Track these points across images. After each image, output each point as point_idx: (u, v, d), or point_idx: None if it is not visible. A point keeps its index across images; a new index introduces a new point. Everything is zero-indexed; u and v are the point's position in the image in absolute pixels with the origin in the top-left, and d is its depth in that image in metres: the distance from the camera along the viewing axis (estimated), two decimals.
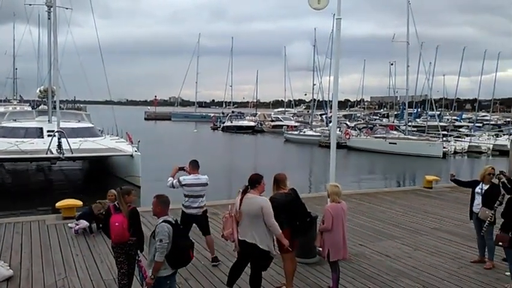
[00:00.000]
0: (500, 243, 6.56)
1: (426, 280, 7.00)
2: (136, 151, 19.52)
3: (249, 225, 5.69)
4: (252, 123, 66.91)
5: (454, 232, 9.79)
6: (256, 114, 78.75)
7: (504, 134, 44.02)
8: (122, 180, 18.57)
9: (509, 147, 20.03)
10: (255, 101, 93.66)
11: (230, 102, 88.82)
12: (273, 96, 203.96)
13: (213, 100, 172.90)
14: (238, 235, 5.77)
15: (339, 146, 39.30)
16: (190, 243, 5.12)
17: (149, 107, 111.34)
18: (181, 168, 7.49)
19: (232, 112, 74.97)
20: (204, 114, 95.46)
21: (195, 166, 7.46)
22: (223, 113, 76.98)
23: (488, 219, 7.35)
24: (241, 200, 5.77)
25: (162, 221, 4.87)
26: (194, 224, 7.49)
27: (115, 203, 5.85)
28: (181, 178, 7.32)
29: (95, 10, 31.83)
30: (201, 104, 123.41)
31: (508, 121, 61.43)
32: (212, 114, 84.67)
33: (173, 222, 4.94)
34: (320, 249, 6.44)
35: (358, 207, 12.08)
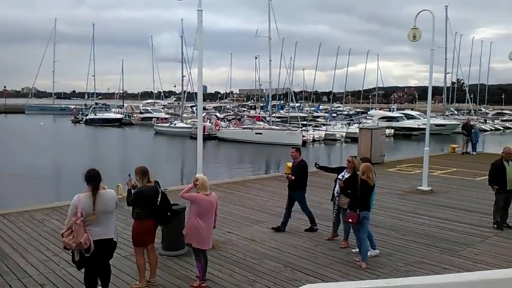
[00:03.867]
0: (350, 220, 7.38)
1: (287, 259, 7.56)
2: None
3: (104, 222, 5.50)
4: (119, 116, 63.80)
5: None
6: (123, 106, 75.28)
7: (355, 123, 49.09)
8: None
9: (358, 134, 22.45)
10: (121, 92, 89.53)
11: (93, 93, 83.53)
12: (141, 87, 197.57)
13: (74, 91, 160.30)
14: (91, 236, 5.39)
15: (210, 137, 39.90)
16: None
17: None
18: None
19: (96, 104, 70.57)
20: (63, 106, 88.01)
21: None
22: (86, 105, 71.99)
23: (335, 205, 8.22)
24: (94, 199, 5.44)
25: None
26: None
27: None
28: None
29: None
30: (60, 95, 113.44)
31: (358, 111, 68.70)
32: (73, 106, 78.57)
33: None
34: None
35: (227, 196, 12.43)
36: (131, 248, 6.67)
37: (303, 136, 38.14)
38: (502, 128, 56.47)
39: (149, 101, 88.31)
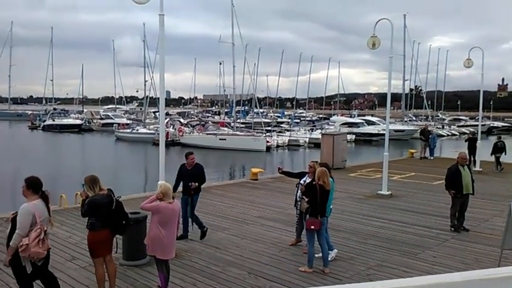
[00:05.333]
0: (313, 227, 7.36)
1: (251, 266, 7.52)
2: None
3: None
4: (79, 122, 62.06)
5: (275, 219, 10.74)
6: (82, 111, 73.39)
7: (317, 129, 49.80)
8: None
9: (320, 140, 22.77)
10: (81, 97, 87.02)
11: (52, 98, 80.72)
12: (102, 92, 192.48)
13: (31, 96, 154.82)
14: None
15: (173, 143, 39.41)
16: None
17: None
18: None
19: (54, 109, 68.38)
20: (20, 111, 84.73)
21: None
22: (46, 111, 69.59)
23: (298, 209, 8.27)
24: (48, 206, 5.47)
25: None
26: None
27: None
28: None
29: None
30: (16, 101, 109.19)
31: (321, 117, 69.79)
32: (30, 112, 75.80)
33: None
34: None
35: None
36: (89, 258, 6.45)
37: (267, 142, 38.35)
38: (458, 134, 58.71)
39: (110, 106, 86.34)
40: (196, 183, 9.01)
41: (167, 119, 48.86)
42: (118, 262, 7.28)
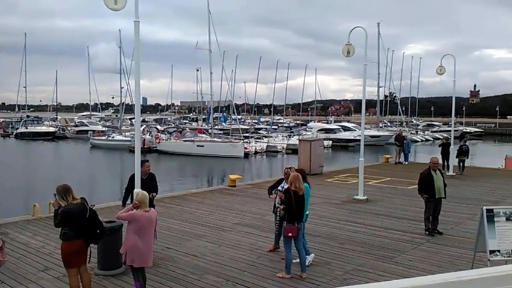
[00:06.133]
0: (290, 234, 7.34)
1: (228, 273, 7.47)
2: None
3: None
4: (52, 129, 60.89)
5: (253, 225, 10.72)
6: (56, 118, 71.99)
7: (295, 135, 50.14)
8: None
9: (298, 146, 22.89)
10: (54, 104, 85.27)
11: (25, 105, 78.89)
12: (76, 99, 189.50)
13: (3, 103, 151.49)
14: None
15: (150, 150, 38.99)
16: None
17: None
18: None
19: (28, 116, 66.86)
20: None
21: None
22: (21, 118, 67.96)
23: (277, 216, 8.26)
24: None
25: None
26: None
27: None
28: None
29: None
30: None
31: (298, 123, 70.28)
32: (2, 119, 73.95)
33: None
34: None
35: (167, 210, 12.14)
36: (63, 268, 6.31)
37: (245, 148, 38.34)
38: (431, 139, 59.99)
39: (85, 113, 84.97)
40: (154, 194, 8.61)
41: (144, 126, 48.40)
42: (93, 272, 7.14)
